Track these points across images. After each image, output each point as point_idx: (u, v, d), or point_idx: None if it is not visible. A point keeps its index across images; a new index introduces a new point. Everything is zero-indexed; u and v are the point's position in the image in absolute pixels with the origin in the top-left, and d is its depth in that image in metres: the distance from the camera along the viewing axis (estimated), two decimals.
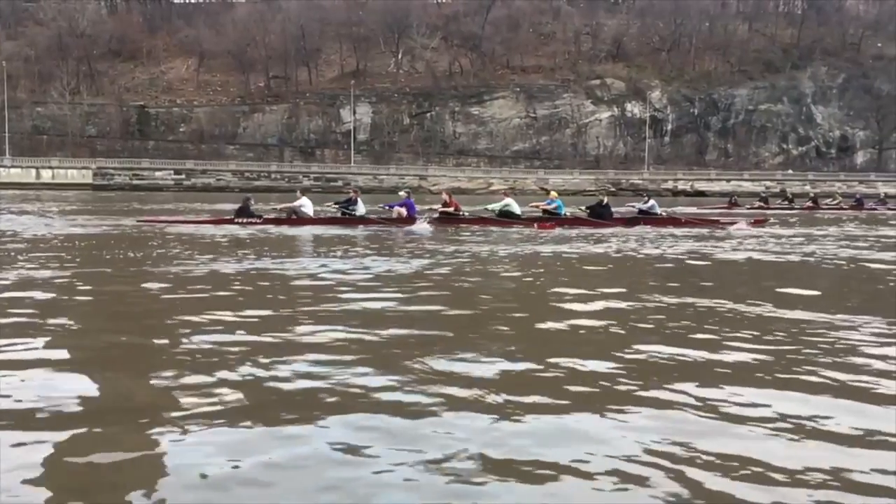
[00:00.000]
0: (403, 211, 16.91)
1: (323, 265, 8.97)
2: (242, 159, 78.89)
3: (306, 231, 15.02)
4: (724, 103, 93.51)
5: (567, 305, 6.38)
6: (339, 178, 68.53)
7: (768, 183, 73.22)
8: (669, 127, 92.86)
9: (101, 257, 9.78)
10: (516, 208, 17.80)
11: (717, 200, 45.39)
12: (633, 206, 20.12)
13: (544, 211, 18.27)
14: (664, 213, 19.33)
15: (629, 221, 18.32)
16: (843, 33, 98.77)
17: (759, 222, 19.48)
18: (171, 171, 68.02)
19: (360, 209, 17.03)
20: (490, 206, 18.20)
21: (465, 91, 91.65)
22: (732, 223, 18.49)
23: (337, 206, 17.46)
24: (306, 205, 16.91)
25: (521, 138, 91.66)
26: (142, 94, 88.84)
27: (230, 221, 16.24)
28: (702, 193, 70.58)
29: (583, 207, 18.68)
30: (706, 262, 10.44)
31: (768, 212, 29.20)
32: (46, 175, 63.89)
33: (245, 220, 16.09)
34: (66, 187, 60.46)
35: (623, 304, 6.38)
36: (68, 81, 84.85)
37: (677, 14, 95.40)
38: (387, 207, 17.57)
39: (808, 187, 68.55)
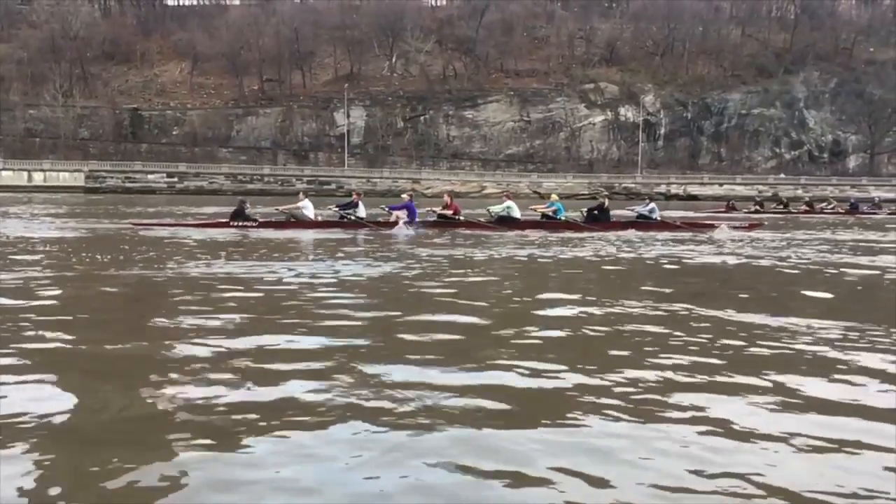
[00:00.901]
0: (402, 214, 16.86)
1: (291, 269, 8.92)
2: (236, 162, 78.79)
3: (298, 235, 14.92)
4: (717, 107, 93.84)
5: (518, 310, 6.33)
6: (332, 182, 68.52)
7: (761, 187, 73.56)
8: (663, 131, 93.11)
9: (67, 261, 9.70)
10: (516, 212, 17.87)
11: (714, 204, 45.48)
12: (633, 210, 20.19)
13: (543, 214, 18.32)
14: (659, 218, 19.38)
15: (624, 225, 18.34)
16: (836, 38, 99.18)
17: (754, 226, 19.65)
18: (164, 174, 67.97)
19: (361, 212, 16.99)
20: (492, 209, 18.25)
21: (458, 94, 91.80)
22: (734, 226, 18.88)
23: (339, 208, 17.43)
24: (307, 207, 16.95)
25: (515, 142, 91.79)
26: (135, 97, 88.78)
27: (226, 225, 16.12)
28: (694, 197, 70.76)
29: (584, 210, 18.84)
30: (675, 266, 10.41)
31: (764, 216, 29.45)
32: (38, 178, 63.73)
33: (241, 224, 16.02)
34: (59, 190, 60.31)
35: (573, 311, 6.33)
36: (61, 84, 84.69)
37: (670, 18, 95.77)
38: (388, 210, 17.55)
39: (800, 191, 68.80)
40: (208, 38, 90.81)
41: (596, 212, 18.53)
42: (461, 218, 17.54)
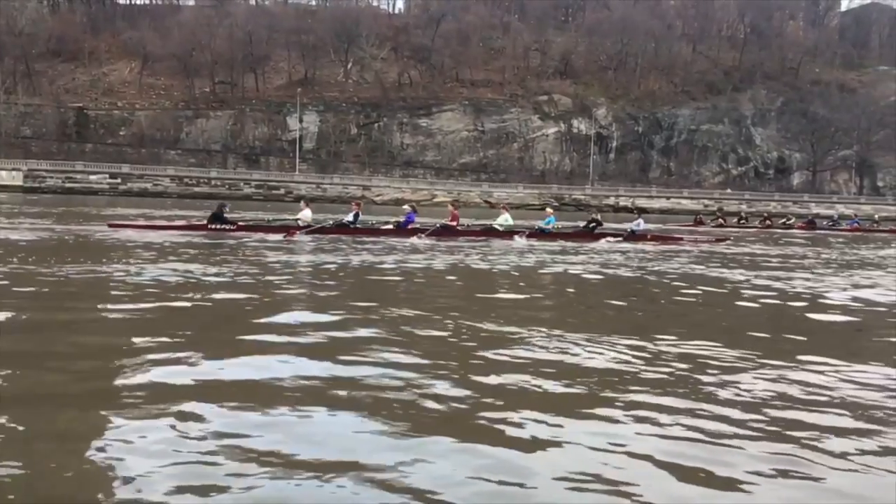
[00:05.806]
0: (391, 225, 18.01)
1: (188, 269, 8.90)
2: (184, 165, 77.24)
3: (268, 238, 15.12)
4: (667, 122, 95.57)
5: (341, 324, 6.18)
6: (281, 187, 67.78)
7: (706, 201, 74.96)
8: (614, 144, 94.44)
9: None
10: (498, 226, 18.51)
11: (684, 219, 46.20)
12: (628, 227, 20.73)
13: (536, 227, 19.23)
14: (635, 232, 20.01)
15: (597, 236, 19.46)
16: (783, 58, 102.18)
17: (720, 241, 20.86)
18: (107, 175, 66.07)
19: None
20: (498, 223, 18.77)
21: (413, 102, 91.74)
22: (696, 241, 20.28)
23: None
24: (306, 217, 17.44)
25: (469, 151, 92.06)
26: (81, 96, 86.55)
27: (203, 227, 16.34)
28: (643, 210, 71.49)
29: (585, 223, 20.58)
30: (518, 274, 10.41)
31: (727, 230, 30.53)
32: None
33: (218, 227, 16.25)
34: None
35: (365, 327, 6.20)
36: (4, 80, 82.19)
37: (624, 34, 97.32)
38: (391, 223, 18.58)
39: (744, 206, 70.23)
40: (159, 38, 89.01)
41: (583, 227, 20.25)
42: (435, 227, 17.77)
